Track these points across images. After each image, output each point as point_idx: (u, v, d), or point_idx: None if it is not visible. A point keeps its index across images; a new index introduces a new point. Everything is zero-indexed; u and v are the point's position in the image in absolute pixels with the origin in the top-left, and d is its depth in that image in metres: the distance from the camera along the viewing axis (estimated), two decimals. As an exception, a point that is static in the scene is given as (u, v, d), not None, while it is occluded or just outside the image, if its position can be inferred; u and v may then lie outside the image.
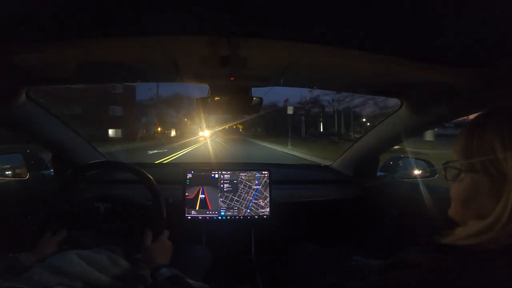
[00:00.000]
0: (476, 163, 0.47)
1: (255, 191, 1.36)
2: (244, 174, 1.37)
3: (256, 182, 1.36)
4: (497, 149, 0.44)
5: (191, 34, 0.55)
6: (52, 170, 1.41)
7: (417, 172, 1.47)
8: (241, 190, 1.36)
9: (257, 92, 0.98)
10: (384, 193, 1.47)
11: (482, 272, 0.39)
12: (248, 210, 1.34)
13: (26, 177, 1.30)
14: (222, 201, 1.34)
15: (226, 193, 1.35)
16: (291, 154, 12.32)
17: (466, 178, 0.49)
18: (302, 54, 0.64)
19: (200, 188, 1.34)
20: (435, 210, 1.07)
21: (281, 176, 1.55)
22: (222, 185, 1.35)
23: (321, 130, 29.26)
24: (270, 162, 2.26)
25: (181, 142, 20.53)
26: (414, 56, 0.61)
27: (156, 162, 6.98)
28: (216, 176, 1.36)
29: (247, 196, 1.35)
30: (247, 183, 1.36)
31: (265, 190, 1.36)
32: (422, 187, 1.29)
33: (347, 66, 0.72)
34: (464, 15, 0.44)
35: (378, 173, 1.60)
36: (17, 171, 1.31)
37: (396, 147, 1.46)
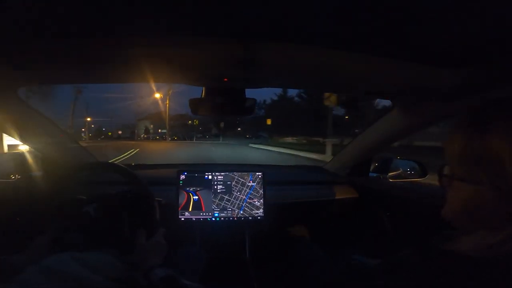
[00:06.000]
0: (478, 172, 0.38)
1: (249, 192, 1.36)
2: (238, 175, 1.37)
3: (250, 183, 1.37)
4: (504, 154, 0.35)
5: (187, 35, 0.55)
6: (42, 172, 1.38)
7: (408, 172, 1.49)
8: (235, 191, 1.36)
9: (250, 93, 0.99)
10: (376, 194, 1.48)
11: (493, 282, 0.34)
12: (242, 211, 1.34)
13: (15, 178, 1.27)
14: (216, 203, 1.33)
15: (220, 195, 1.34)
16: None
17: (466, 188, 0.41)
18: (296, 56, 0.65)
19: (193, 189, 1.33)
20: (426, 209, 1.08)
21: (275, 177, 1.55)
22: (215, 187, 1.35)
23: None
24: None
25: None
26: (407, 57, 0.62)
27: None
28: (210, 177, 1.36)
29: (241, 197, 1.35)
30: (241, 185, 1.36)
31: (258, 191, 1.36)
32: (413, 187, 1.32)
33: (340, 68, 0.73)
34: (457, 16, 0.44)
35: (370, 174, 1.62)
36: (6, 172, 1.28)
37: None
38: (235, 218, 1.34)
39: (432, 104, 0.90)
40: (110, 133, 49.85)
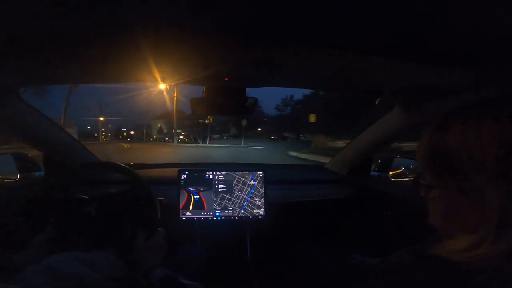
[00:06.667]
0: (446, 177, 0.39)
1: (250, 192, 1.36)
2: (239, 174, 1.37)
3: (251, 182, 1.37)
4: (464, 158, 0.36)
5: (187, 35, 0.55)
6: (43, 171, 1.39)
7: (409, 171, 1.49)
8: (236, 190, 1.36)
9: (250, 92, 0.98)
10: (377, 193, 1.48)
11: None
12: (243, 211, 1.34)
13: (16, 178, 1.28)
14: (217, 202, 1.34)
15: (221, 194, 1.35)
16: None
17: (439, 195, 0.41)
18: (297, 55, 0.64)
19: (194, 188, 1.33)
20: (427, 208, 1.08)
21: (276, 176, 1.55)
22: (216, 186, 1.35)
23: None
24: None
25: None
26: (407, 57, 0.62)
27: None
28: (211, 176, 1.36)
29: (242, 196, 1.35)
30: (242, 184, 1.36)
31: (260, 191, 1.36)
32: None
33: (341, 67, 0.73)
34: (458, 15, 0.44)
35: (372, 173, 1.62)
36: (7, 172, 1.29)
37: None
38: (236, 218, 1.34)
39: (433, 103, 0.90)
40: (125, 133, 48.88)
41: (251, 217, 1.34)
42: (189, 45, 0.61)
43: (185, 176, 1.34)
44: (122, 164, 1.03)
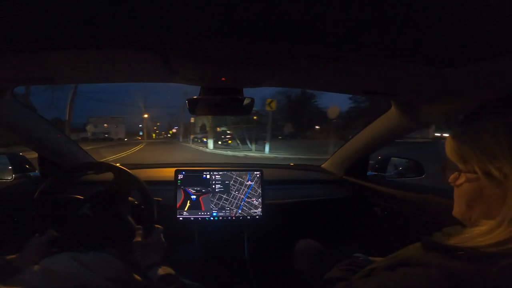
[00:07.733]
0: (474, 165, 0.43)
1: (247, 192, 1.36)
2: (236, 174, 1.37)
3: (248, 182, 1.37)
4: (493, 147, 0.40)
5: (186, 36, 0.55)
6: (38, 172, 1.37)
7: (405, 171, 1.50)
8: (233, 190, 1.36)
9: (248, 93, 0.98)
10: (374, 193, 1.49)
11: (491, 276, 0.36)
12: (240, 211, 1.34)
13: (11, 178, 1.26)
14: (214, 202, 1.33)
15: (218, 194, 1.34)
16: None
17: (466, 181, 0.45)
18: (295, 56, 0.64)
19: (191, 188, 1.33)
20: (424, 208, 1.09)
21: (273, 177, 1.55)
22: (213, 186, 1.35)
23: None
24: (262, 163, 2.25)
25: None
26: (406, 57, 0.62)
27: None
28: (208, 176, 1.35)
29: (239, 196, 1.35)
30: (239, 184, 1.36)
31: (257, 191, 1.36)
32: (410, 186, 1.32)
33: (339, 67, 0.73)
34: (457, 15, 0.44)
35: (368, 173, 1.63)
36: (2, 172, 1.27)
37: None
38: (234, 218, 1.34)
39: (431, 104, 0.90)
40: (171, 132, 48.96)
41: (248, 217, 1.34)
42: (187, 45, 0.60)
43: (182, 176, 1.33)
44: (119, 165, 1.03)
